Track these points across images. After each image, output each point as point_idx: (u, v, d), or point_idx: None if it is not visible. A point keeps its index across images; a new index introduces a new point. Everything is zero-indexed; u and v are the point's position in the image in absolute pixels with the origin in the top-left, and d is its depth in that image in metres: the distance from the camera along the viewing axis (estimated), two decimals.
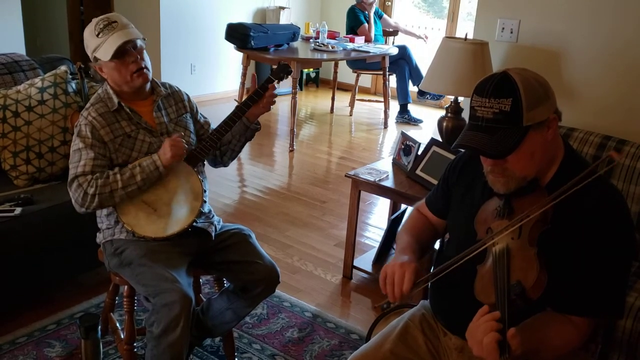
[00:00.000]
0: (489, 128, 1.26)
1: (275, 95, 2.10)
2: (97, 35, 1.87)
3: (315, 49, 5.42)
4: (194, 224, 1.96)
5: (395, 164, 2.93)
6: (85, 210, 1.88)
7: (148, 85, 2.01)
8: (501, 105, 1.24)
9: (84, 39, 1.93)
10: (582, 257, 1.28)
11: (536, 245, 1.25)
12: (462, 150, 1.51)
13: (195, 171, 2.00)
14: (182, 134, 2.03)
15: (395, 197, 2.82)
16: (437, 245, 2.43)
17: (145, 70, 1.93)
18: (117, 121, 1.94)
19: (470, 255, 1.31)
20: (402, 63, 6.01)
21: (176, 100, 2.11)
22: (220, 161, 2.21)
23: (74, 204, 1.89)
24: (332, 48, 5.41)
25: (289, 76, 2.16)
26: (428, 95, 6.37)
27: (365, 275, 2.99)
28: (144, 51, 1.96)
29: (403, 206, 3.05)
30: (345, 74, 6.87)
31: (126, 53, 1.89)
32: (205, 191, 2.02)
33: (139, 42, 1.93)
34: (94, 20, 1.91)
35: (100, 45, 1.87)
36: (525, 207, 1.28)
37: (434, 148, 2.67)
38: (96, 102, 1.96)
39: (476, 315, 1.23)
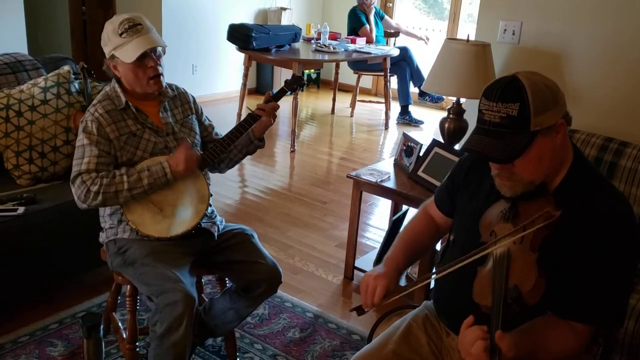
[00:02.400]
0: (496, 132, 1.26)
1: (276, 108, 2.10)
2: (121, 35, 1.87)
3: (316, 50, 5.42)
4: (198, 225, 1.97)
5: (397, 165, 2.93)
6: (86, 206, 1.88)
7: None
8: (508, 110, 1.24)
9: (104, 34, 1.92)
10: (586, 263, 1.27)
11: (538, 251, 1.25)
12: None
13: (203, 174, 2.01)
14: (190, 140, 2.05)
15: (397, 198, 2.82)
16: (439, 247, 2.42)
17: (161, 77, 1.95)
18: (124, 119, 1.95)
19: (468, 260, 1.31)
20: (403, 64, 6.02)
21: (182, 101, 2.12)
22: (216, 167, 2.21)
23: (76, 200, 1.89)
24: (334, 49, 5.41)
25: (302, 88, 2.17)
26: (427, 97, 6.38)
27: None
28: (162, 58, 1.97)
29: (404, 207, 3.06)
30: (346, 75, 6.88)
31: (146, 57, 1.89)
32: (211, 195, 2.03)
33: (159, 49, 1.94)
34: (118, 19, 1.90)
35: (122, 46, 1.87)
36: (531, 211, 1.27)
37: (436, 149, 2.68)
38: (103, 99, 1.96)
39: (462, 327, 1.24)
